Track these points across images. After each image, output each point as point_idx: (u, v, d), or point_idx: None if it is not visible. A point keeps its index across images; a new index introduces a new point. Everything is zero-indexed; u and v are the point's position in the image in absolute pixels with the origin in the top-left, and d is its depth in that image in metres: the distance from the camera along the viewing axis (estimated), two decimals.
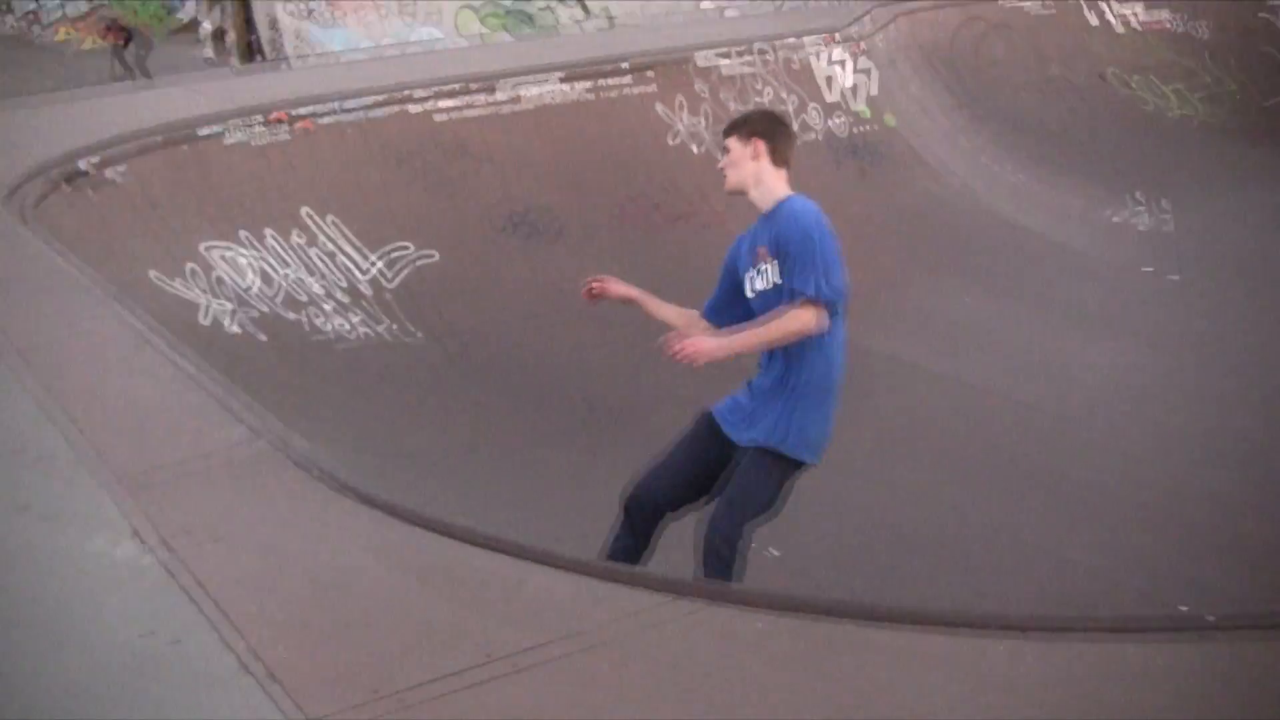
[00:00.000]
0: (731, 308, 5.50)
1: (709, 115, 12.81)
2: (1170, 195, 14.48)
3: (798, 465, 5.29)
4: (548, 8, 27.06)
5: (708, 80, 12.98)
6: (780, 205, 5.36)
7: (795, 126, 12.88)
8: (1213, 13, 18.73)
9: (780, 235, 5.25)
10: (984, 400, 9.84)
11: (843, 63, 13.59)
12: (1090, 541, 7.72)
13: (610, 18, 26.39)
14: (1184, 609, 6.84)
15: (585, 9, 27.39)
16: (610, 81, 12.60)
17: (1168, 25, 18.29)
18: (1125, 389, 10.05)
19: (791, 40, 13.68)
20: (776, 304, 5.18)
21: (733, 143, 5.49)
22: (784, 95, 13.19)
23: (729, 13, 27.23)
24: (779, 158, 5.47)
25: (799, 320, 5.09)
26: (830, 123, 13.23)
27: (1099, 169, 15.27)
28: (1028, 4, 17.46)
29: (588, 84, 12.47)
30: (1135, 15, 18.08)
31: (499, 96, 12.01)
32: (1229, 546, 7.62)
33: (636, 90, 12.67)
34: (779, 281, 5.23)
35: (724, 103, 12.90)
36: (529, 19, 26.78)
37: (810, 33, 13.91)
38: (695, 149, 12.71)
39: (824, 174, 12.85)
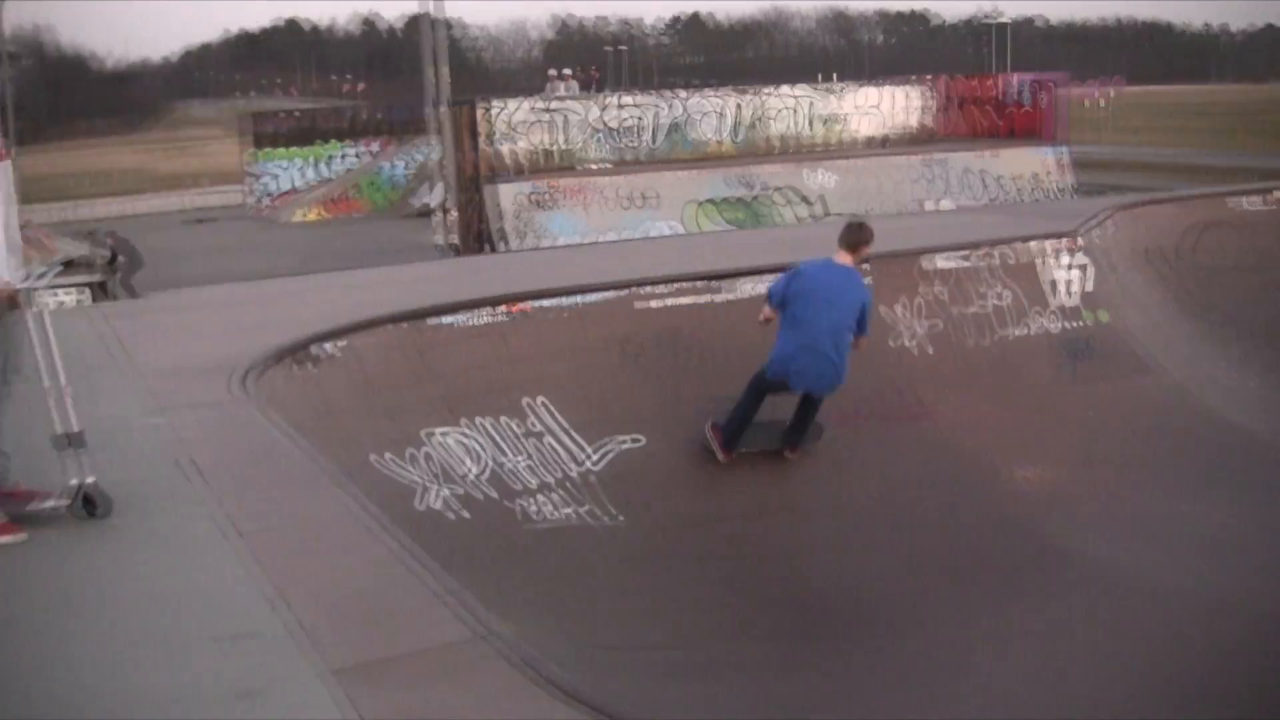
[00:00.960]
0: None
1: (922, 309, 12.80)
2: None
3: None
4: (769, 200, 27.63)
5: (929, 280, 12.97)
6: None
7: (1014, 325, 12.85)
8: None
9: None
10: (1195, 605, 9.47)
11: (1059, 258, 13.45)
12: None
13: (829, 213, 26.80)
14: None
15: (807, 202, 27.89)
16: None
17: None
18: None
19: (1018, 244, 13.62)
20: None
21: None
22: (1001, 291, 13.08)
23: (944, 204, 27.50)
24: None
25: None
26: (1046, 321, 13.06)
27: None
28: (1247, 200, 17.17)
29: None
30: None
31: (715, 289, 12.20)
32: None
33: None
34: None
35: (939, 297, 12.89)
36: (752, 212, 27.40)
37: (1037, 236, 13.82)
38: (910, 345, 12.68)
39: (1038, 370, 12.68)
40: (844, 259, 10.57)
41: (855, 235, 10.63)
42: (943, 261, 13.14)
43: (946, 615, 9.35)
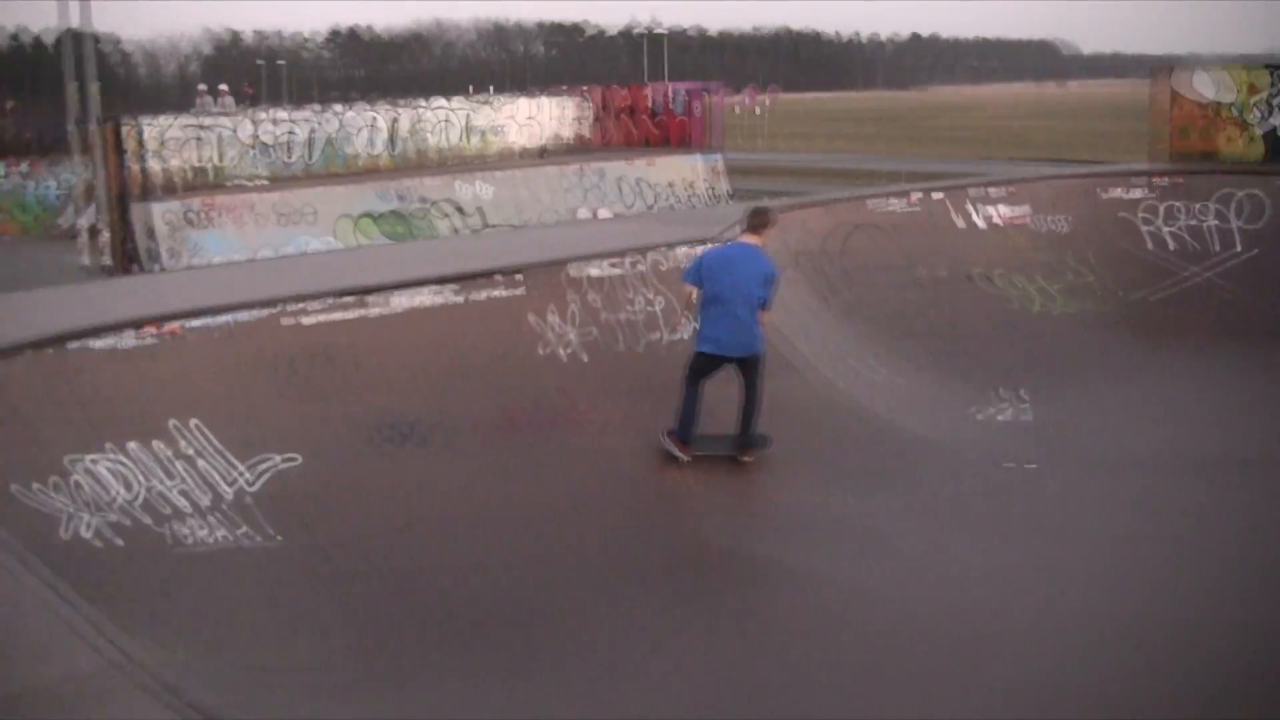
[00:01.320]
0: None
1: (575, 318, 12.96)
2: (1031, 387, 14.78)
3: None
4: (426, 213, 27.61)
5: (578, 288, 13.12)
6: None
7: (669, 329, 13.09)
8: (1074, 209, 19.36)
9: None
10: (852, 599, 9.82)
11: None
12: None
13: (486, 225, 26.92)
14: None
15: (463, 213, 27.95)
16: (485, 292, 12.77)
17: (1029, 222, 18.85)
18: (993, 581, 10.11)
19: (664, 247, 13.85)
20: None
21: None
22: (651, 297, 13.31)
23: (602, 213, 27.93)
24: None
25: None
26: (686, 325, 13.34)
27: (966, 366, 15.61)
28: (894, 204, 17.93)
29: (455, 288, 12.61)
30: (998, 213, 18.64)
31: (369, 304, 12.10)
32: None
33: (506, 294, 12.82)
34: None
35: (592, 306, 13.08)
36: (409, 225, 27.33)
37: (685, 242, 14.09)
38: (563, 353, 12.83)
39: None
40: (749, 239, 12.40)
41: (758, 218, 12.50)
42: (594, 269, 13.32)
43: (613, 619, 9.39)
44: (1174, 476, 12.50)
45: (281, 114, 29.92)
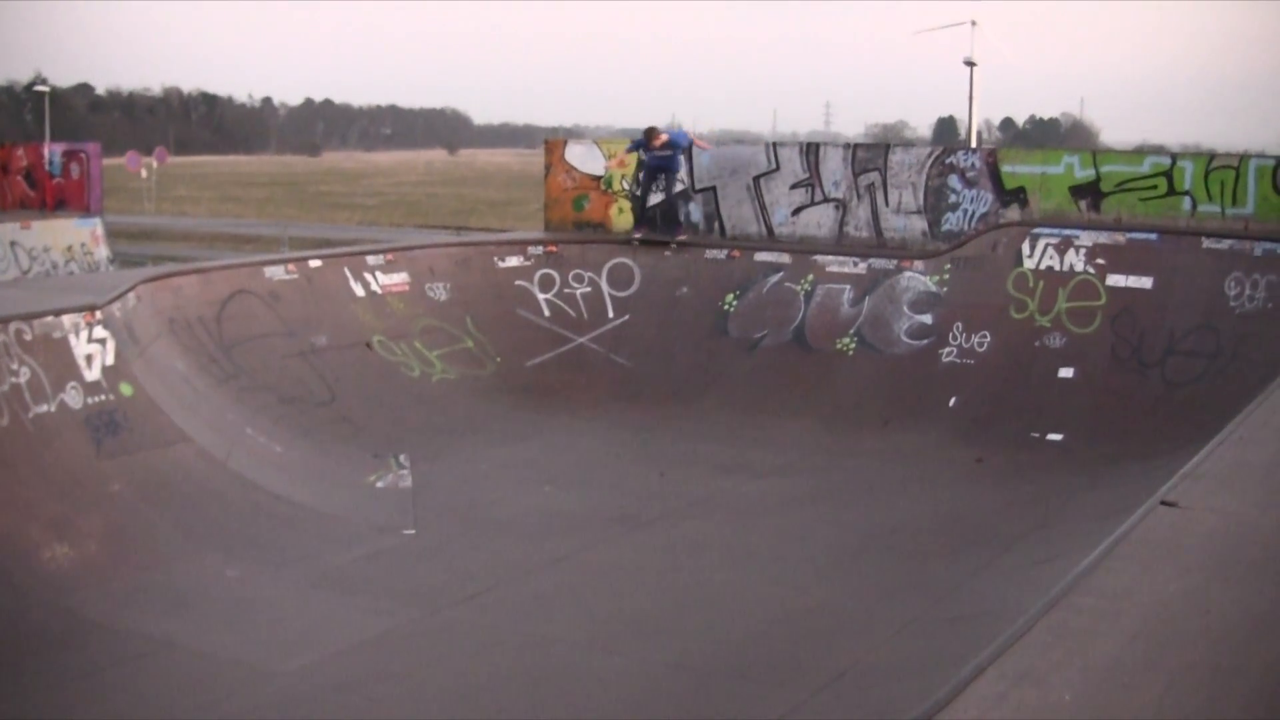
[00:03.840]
0: None
1: None
2: (412, 453, 15.08)
3: None
4: None
5: None
6: None
7: (39, 403, 12.36)
8: (453, 276, 19.93)
9: None
10: (233, 673, 9.68)
11: (79, 333, 13.17)
12: None
13: None
14: None
15: None
16: None
17: (408, 289, 19.23)
18: (375, 647, 10.22)
19: (50, 318, 13.10)
20: None
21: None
22: (19, 369, 12.55)
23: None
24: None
25: None
26: (70, 396, 12.71)
27: (348, 433, 15.78)
28: (272, 271, 17.78)
29: None
30: (378, 281, 18.91)
31: None
32: None
33: None
34: None
35: None
36: None
37: (57, 311, 13.39)
38: None
39: (67, 448, 12.33)
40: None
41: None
42: None
43: None
44: (544, 533, 13.11)
45: None
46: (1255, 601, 5.96)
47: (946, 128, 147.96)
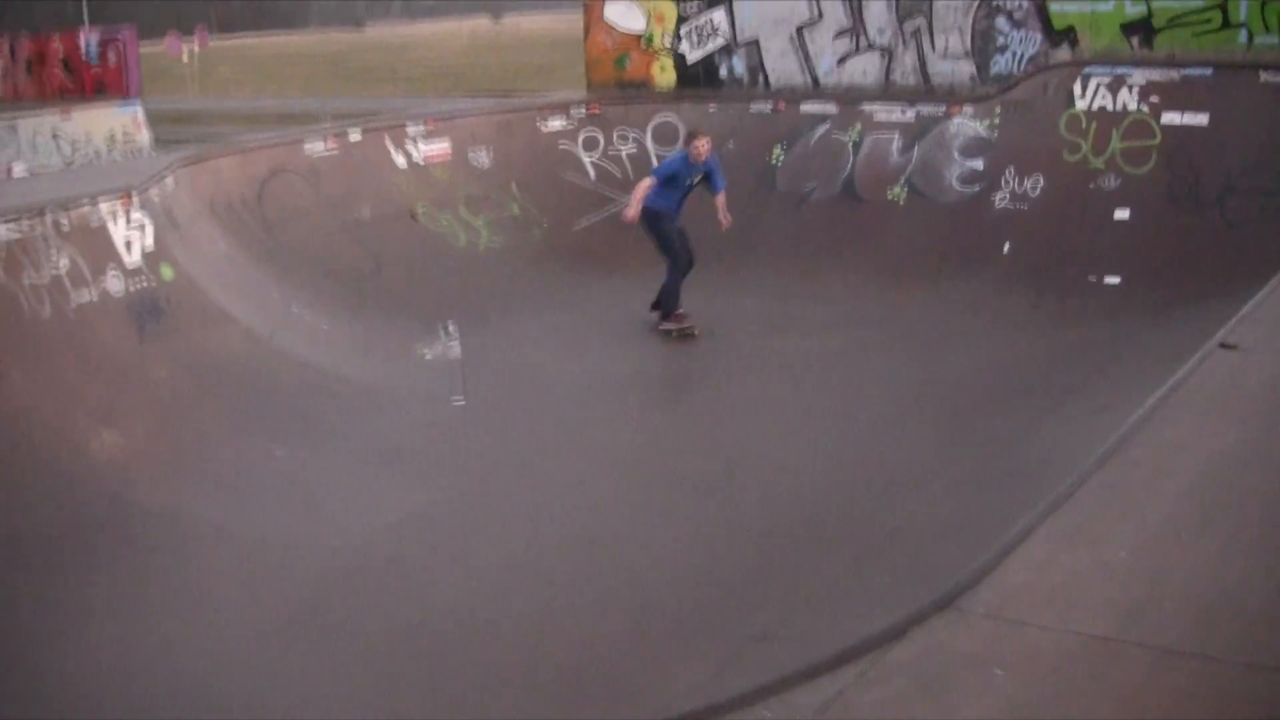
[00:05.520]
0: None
1: None
2: (460, 323, 14.92)
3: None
4: None
5: None
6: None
7: (79, 291, 12.26)
8: (495, 142, 19.65)
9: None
10: (284, 553, 9.67)
11: (118, 218, 13.03)
12: (404, 688, 7.73)
13: None
14: None
15: None
16: None
17: (450, 158, 18.98)
18: (424, 521, 10.17)
19: (86, 206, 12.95)
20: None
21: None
22: (60, 259, 12.41)
23: (17, 170, 26.19)
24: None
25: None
26: (111, 283, 12.60)
27: (393, 306, 15.62)
28: (317, 146, 17.60)
29: None
30: (420, 151, 18.67)
31: None
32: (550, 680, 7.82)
33: None
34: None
35: None
36: None
37: (94, 197, 13.24)
38: None
39: (109, 335, 12.26)
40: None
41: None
42: None
43: (21, 601, 8.87)
44: (594, 398, 13.03)
45: None
46: None
47: None
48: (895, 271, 17.03)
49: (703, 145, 15.41)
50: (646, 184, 15.35)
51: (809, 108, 19.98)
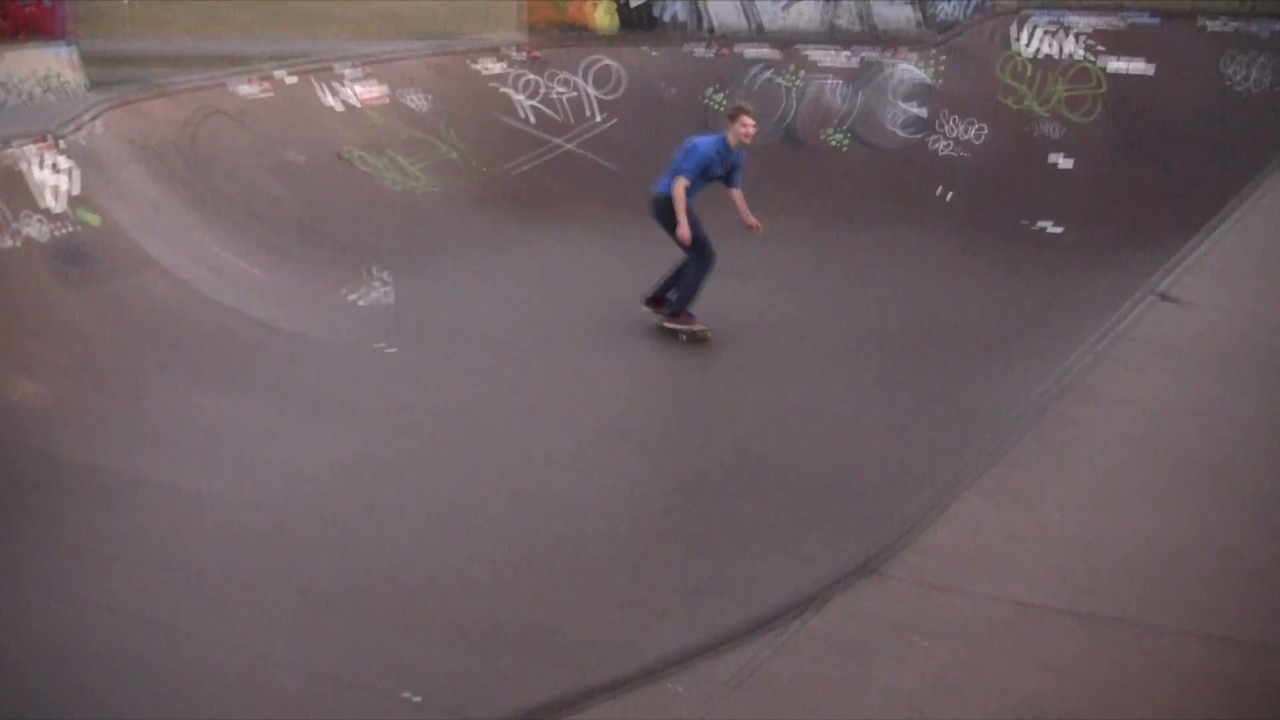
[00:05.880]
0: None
1: None
2: (394, 268, 14.63)
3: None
4: None
5: None
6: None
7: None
8: (433, 86, 19.30)
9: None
10: (202, 505, 9.41)
11: (41, 162, 12.65)
12: (326, 644, 7.54)
13: None
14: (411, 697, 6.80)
15: None
16: None
17: (388, 101, 18.63)
18: (350, 473, 9.94)
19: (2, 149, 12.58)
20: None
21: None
22: None
23: None
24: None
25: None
26: (31, 229, 12.24)
27: (327, 252, 15.25)
28: (249, 89, 17.21)
29: None
30: (356, 93, 18.29)
31: None
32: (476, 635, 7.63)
33: None
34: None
35: None
36: None
37: (14, 139, 12.87)
38: None
39: (30, 283, 11.91)
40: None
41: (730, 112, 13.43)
42: None
43: None
44: (529, 347, 12.81)
45: None
46: (1255, 403, 5.59)
47: None
48: (835, 217, 16.88)
49: (749, 125, 12.92)
50: (682, 186, 12.74)
51: (750, 51, 19.74)
